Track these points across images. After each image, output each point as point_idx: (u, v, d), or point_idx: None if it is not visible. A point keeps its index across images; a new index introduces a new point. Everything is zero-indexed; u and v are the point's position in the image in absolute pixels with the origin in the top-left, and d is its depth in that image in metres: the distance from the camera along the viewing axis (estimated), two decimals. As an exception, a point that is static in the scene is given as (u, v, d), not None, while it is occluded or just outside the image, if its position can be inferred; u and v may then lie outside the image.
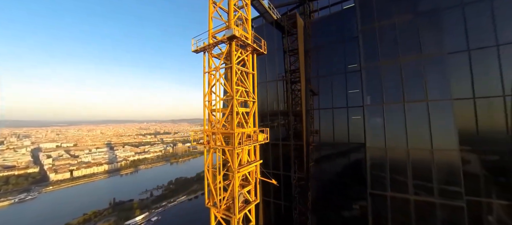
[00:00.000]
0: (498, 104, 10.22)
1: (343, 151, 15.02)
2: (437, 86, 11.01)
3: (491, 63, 10.43)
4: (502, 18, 10.37)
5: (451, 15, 11.31)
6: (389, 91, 12.16)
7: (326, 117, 15.96)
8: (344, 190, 14.66)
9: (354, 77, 15.15)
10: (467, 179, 10.09)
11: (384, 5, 12.85)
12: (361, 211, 13.51)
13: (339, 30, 16.16)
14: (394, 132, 11.72)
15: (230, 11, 10.71)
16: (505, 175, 9.93)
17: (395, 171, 11.48)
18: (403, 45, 11.97)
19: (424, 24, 11.65)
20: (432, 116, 10.89)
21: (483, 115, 10.48)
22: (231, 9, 10.69)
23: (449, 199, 10.14)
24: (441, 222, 10.20)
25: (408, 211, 10.96)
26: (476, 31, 10.75)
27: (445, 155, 10.44)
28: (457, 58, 10.99)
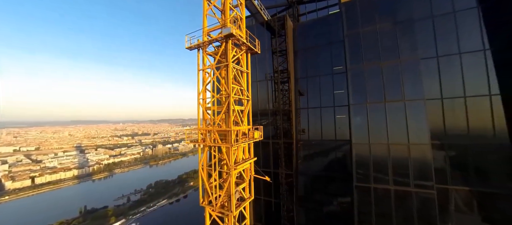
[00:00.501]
0: (460, 104, 11.84)
1: (330, 148, 15.94)
2: (412, 87, 12.34)
3: (455, 68, 12.04)
4: (463, 30, 12.04)
5: (423, 25, 12.80)
6: (371, 91, 13.28)
7: (315, 116, 16.77)
8: (331, 184, 15.57)
9: (340, 78, 16.18)
10: (436, 169, 11.49)
11: (367, 13, 14.01)
12: (347, 203, 14.48)
13: (326, 34, 17.11)
14: (377, 129, 12.84)
15: (226, 10, 10.80)
16: (466, 166, 11.54)
17: (378, 165, 12.59)
18: (384, 50, 13.19)
19: (401, 32, 12.98)
20: (408, 114, 12.19)
21: (448, 113, 12.05)
22: (227, 7, 10.79)
23: (423, 188, 11.45)
24: (416, 209, 11.45)
25: (388, 200, 12.10)
26: (443, 40, 12.33)
27: (419, 148, 11.75)
28: (428, 63, 12.47)
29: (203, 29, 11.33)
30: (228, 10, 10.74)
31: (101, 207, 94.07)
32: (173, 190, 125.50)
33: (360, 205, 12.81)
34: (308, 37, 18.05)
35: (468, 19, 12.04)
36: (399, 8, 13.25)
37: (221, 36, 10.13)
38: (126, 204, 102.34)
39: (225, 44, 10.50)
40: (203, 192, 11.15)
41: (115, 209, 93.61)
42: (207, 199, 10.99)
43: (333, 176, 15.66)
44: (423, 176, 11.54)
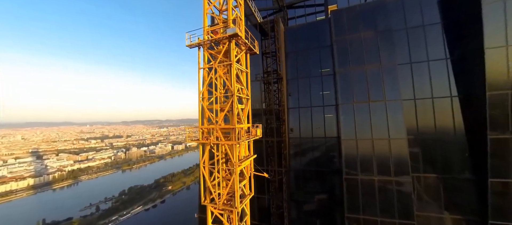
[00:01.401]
0: (429, 104, 13.90)
1: (320, 144, 17.10)
2: (391, 89, 14.07)
3: (425, 73, 14.09)
4: (430, 41, 14.17)
5: (399, 35, 14.69)
6: (357, 92, 14.74)
7: (305, 114, 17.80)
8: (321, 178, 16.72)
9: (328, 80, 17.48)
10: (411, 160, 13.30)
11: (353, 21, 15.52)
12: (337, 195, 15.73)
13: (315, 38, 18.31)
14: (362, 126, 14.30)
15: (229, 10, 11.05)
16: (434, 156, 13.58)
17: (364, 158, 14.03)
18: (368, 55, 14.76)
19: (381, 40, 14.69)
20: (388, 113, 13.86)
21: (420, 112, 14.03)
22: (230, 7, 11.04)
23: (401, 176, 13.14)
24: (396, 194, 13.08)
25: (373, 189, 13.58)
26: (416, 49, 14.33)
27: (397, 142, 13.46)
28: (404, 69, 14.36)
29: (203, 28, 11.39)
30: (230, 10, 11.01)
31: (64, 219, 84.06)
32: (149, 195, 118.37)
33: (349, 195, 14.11)
34: (298, 41, 19.08)
35: (434, 32, 14.21)
36: (380, 19, 14.98)
37: (225, 36, 10.36)
38: (95, 214, 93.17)
39: (229, 44, 10.74)
40: (204, 191, 11.16)
41: (81, 220, 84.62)
42: (209, 197, 11.04)
43: (323, 170, 16.84)
44: (401, 166, 13.25)
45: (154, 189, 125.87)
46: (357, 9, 15.63)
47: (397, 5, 14.97)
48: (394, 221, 13.04)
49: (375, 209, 13.50)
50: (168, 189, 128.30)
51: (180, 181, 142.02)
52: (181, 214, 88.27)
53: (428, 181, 13.51)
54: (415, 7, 14.68)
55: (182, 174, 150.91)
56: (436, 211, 13.14)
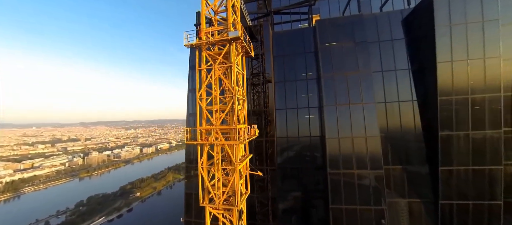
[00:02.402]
0: (396, 107, 16.38)
1: (306, 143, 18.41)
2: (367, 93, 16.12)
3: (393, 80, 16.56)
4: (397, 53, 16.71)
5: (373, 47, 16.94)
6: (339, 95, 16.45)
7: (292, 116, 18.93)
8: (307, 174, 18.02)
9: (312, 83, 18.94)
10: (383, 155, 15.49)
11: (335, 31, 17.27)
12: (322, 190, 17.20)
13: (300, 44, 19.62)
14: (344, 125, 16.02)
15: (228, 12, 11.28)
16: (400, 151, 16.06)
17: (345, 154, 15.74)
18: (348, 62, 16.62)
19: (359, 50, 16.70)
20: (365, 114, 15.86)
21: (389, 113, 16.43)
22: (229, 10, 11.29)
23: (375, 169, 15.20)
24: (371, 186, 15.06)
25: (353, 182, 15.36)
26: (386, 59, 16.72)
27: (372, 140, 15.51)
28: (377, 76, 16.61)
29: (202, 30, 11.39)
30: (229, 13, 11.26)
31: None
32: (114, 204, 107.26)
33: (333, 188, 15.65)
34: (284, 45, 20.15)
35: (399, 46, 16.83)
36: (357, 32, 17.01)
37: (228, 38, 10.58)
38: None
39: (229, 46, 10.98)
40: (203, 192, 11.12)
41: (25, 241, 71.95)
42: (207, 197, 11.06)
43: (307, 167, 18.17)
44: (375, 161, 15.32)
45: (119, 197, 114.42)
46: (339, 21, 17.45)
47: (371, 20, 17.24)
48: (370, 207, 15.01)
49: (354, 199, 15.30)
50: (136, 196, 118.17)
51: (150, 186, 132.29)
52: (152, 220, 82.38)
53: (395, 173, 15.92)
54: (385, 24, 17.14)
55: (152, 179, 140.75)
56: (401, 197, 15.59)
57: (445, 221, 14.67)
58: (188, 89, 21.23)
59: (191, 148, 20.55)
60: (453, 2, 14.25)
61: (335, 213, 15.42)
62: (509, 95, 14.27)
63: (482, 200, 14.21)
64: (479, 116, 14.17)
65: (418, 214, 15.32)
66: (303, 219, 17.42)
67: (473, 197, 14.34)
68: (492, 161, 14.08)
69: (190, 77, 21.29)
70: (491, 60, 14.02)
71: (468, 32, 14.20)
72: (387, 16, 17.21)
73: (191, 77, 21.26)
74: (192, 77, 21.27)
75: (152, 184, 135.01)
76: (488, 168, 14.16)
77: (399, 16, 17.11)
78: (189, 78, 21.39)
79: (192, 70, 21.34)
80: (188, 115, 20.96)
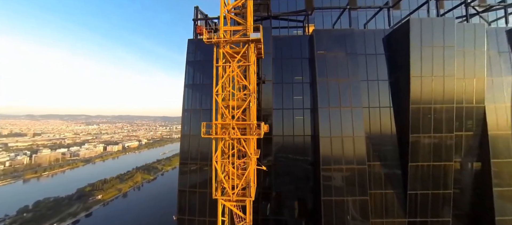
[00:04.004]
0: (377, 112, 19.08)
1: (300, 141, 19.91)
2: (355, 99, 18.41)
3: (375, 89, 19.23)
4: (379, 66, 19.48)
5: (361, 58, 19.40)
6: (332, 99, 18.40)
7: (288, 115, 20.26)
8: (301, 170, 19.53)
9: (306, 86, 20.60)
10: (367, 152, 17.91)
11: (330, 42, 19.25)
12: (313, 183, 18.86)
13: (297, 49, 21.13)
14: (335, 125, 17.98)
15: (248, 14, 11.90)
16: (379, 150, 18.74)
17: (336, 151, 17.68)
18: (340, 70, 18.71)
19: (350, 60, 18.97)
20: (353, 117, 18.10)
21: (371, 116, 19.02)
22: (249, 11, 11.91)
23: (360, 164, 17.48)
24: (357, 179, 17.28)
25: (342, 177, 17.37)
26: (371, 70, 19.34)
27: (359, 139, 17.80)
28: (363, 84, 19.07)
29: (220, 29, 11.76)
30: (250, 16, 11.90)
31: None
32: (69, 209, 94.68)
33: (324, 182, 17.40)
34: (283, 49, 21.42)
35: (381, 60, 19.66)
36: (348, 44, 19.29)
37: (249, 39, 11.20)
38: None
39: (248, 47, 11.60)
40: (216, 185, 11.44)
41: None
42: (221, 190, 11.42)
43: (301, 163, 19.69)
44: (361, 157, 17.63)
45: (76, 201, 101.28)
46: (334, 32, 19.52)
47: (360, 35, 19.74)
48: (355, 198, 17.20)
49: (343, 191, 17.32)
50: (96, 198, 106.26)
51: (115, 188, 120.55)
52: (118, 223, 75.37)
53: (375, 168, 18.52)
54: (371, 39, 19.82)
55: (118, 180, 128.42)
56: (380, 189, 18.24)
57: (411, 208, 17.74)
58: (185, 85, 20.83)
59: (185, 145, 20.19)
60: (424, 29, 17.46)
61: (326, 204, 17.19)
62: (459, 106, 18.05)
63: (438, 189, 17.65)
64: (438, 122, 17.61)
65: (392, 203, 18.14)
66: (297, 210, 18.84)
67: (432, 187, 17.70)
68: (446, 158, 17.63)
69: (187, 72, 20.92)
70: (448, 77, 17.59)
71: (433, 54, 17.55)
72: (373, 33, 19.93)
73: (188, 72, 20.93)
74: (188, 72, 20.95)
75: (117, 185, 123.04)
76: (443, 163, 17.67)
77: (382, 34, 19.98)
78: (185, 73, 20.99)
79: (189, 65, 21.03)
80: (183, 111, 20.55)
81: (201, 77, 20.91)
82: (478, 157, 18.69)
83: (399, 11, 23.49)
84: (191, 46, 21.30)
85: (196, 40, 22.10)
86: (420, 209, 17.77)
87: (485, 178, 18.31)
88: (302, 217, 18.94)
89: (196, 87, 20.77)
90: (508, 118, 18.51)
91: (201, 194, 19.15)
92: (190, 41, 21.42)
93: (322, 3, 24.11)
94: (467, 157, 18.75)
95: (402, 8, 23.34)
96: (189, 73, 20.99)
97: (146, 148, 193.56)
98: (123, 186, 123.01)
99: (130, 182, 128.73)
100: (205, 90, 20.51)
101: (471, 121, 18.58)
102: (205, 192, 19.04)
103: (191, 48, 21.26)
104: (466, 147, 18.66)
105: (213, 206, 18.70)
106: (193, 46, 21.32)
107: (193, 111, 20.41)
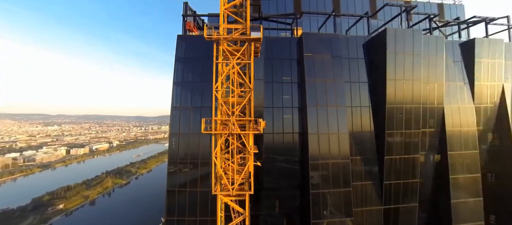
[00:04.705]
0: (358, 110, 20.95)
1: (289, 138, 20.78)
2: (340, 98, 19.98)
3: (356, 90, 21.10)
4: (360, 69, 21.42)
5: (345, 61, 21.10)
6: (319, 98, 19.67)
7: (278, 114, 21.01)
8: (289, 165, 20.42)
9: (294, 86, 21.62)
10: (350, 147, 19.56)
11: (317, 45, 20.56)
12: (302, 179, 19.88)
13: (287, 51, 22.05)
14: (322, 123, 19.27)
15: (247, 13, 12.22)
16: (361, 145, 20.59)
17: (323, 147, 18.95)
18: (327, 71, 20.10)
19: (335, 63, 20.50)
20: (338, 115, 19.61)
21: (354, 115, 20.82)
22: (248, 14, 12.24)
23: (344, 159, 19.03)
24: (341, 172, 18.77)
25: (328, 169, 18.69)
26: (353, 72, 21.16)
27: (343, 136, 19.36)
28: (347, 84, 20.77)
29: (220, 26, 11.89)
30: (248, 13, 12.24)
31: None
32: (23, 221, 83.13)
33: (313, 176, 18.52)
34: (273, 50, 22.12)
35: (361, 63, 21.65)
36: (334, 47, 20.83)
37: (250, 38, 11.53)
38: None
39: (248, 45, 11.93)
40: (215, 181, 11.49)
41: None
42: (220, 186, 11.52)
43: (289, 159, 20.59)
44: (344, 152, 19.19)
45: (31, 212, 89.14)
46: (322, 36, 20.89)
47: (344, 40, 21.48)
48: (340, 190, 18.68)
49: (329, 183, 18.65)
50: (57, 208, 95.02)
51: (80, 195, 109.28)
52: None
53: (356, 162, 20.31)
54: (353, 44, 21.70)
55: (84, 186, 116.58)
56: (361, 180, 20.06)
57: (387, 197, 19.91)
58: (174, 82, 20.20)
59: (175, 143, 19.57)
60: (398, 38, 19.79)
61: (314, 197, 18.31)
62: (424, 107, 20.82)
63: (408, 179, 20.12)
64: (408, 120, 20.10)
65: (371, 193, 20.10)
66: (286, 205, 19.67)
67: (403, 178, 20.10)
68: (414, 151, 20.20)
69: (176, 69, 20.32)
70: (416, 81, 20.20)
71: (405, 60, 19.99)
72: (355, 39, 21.85)
73: (177, 69, 20.36)
74: (178, 69, 20.40)
75: (83, 192, 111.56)
76: (412, 156, 20.22)
77: (362, 40, 22.02)
78: (175, 70, 20.37)
79: (179, 62, 20.49)
80: (172, 109, 19.91)
81: (191, 74, 20.50)
82: (438, 150, 21.78)
83: (376, 20, 26.08)
84: (181, 42, 20.74)
85: (186, 36, 21.60)
86: (393, 197, 20.04)
87: (443, 168, 21.43)
88: (292, 210, 19.85)
89: (186, 84, 20.29)
90: (460, 117, 21.95)
91: (191, 194, 18.76)
92: (179, 37, 20.85)
93: (310, 8, 25.51)
94: (430, 151, 21.72)
95: (379, 18, 25.97)
96: (179, 70, 20.42)
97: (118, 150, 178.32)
98: (90, 192, 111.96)
99: (98, 188, 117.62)
100: (196, 88, 20.18)
101: (433, 119, 21.57)
102: (195, 191, 18.73)
103: (181, 45, 20.71)
104: (429, 142, 21.59)
105: (204, 205, 18.55)
106: (183, 43, 20.80)
107: (183, 109, 19.90)
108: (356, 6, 26.54)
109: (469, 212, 20.91)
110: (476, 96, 22.25)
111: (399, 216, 20.13)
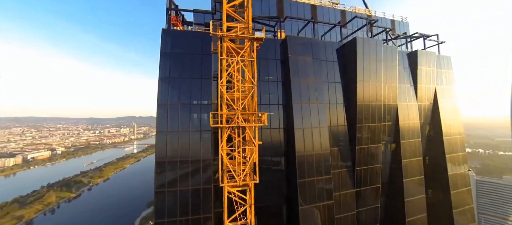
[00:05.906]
0: (334, 107, 23.87)
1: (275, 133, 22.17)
2: (320, 96, 22.42)
3: (333, 89, 24.01)
4: (336, 71, 24.43)
5: (324, 63, 23.74)
6: (303, 96, 21.69)
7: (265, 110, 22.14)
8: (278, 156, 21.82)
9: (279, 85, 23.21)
10: (329, 139, 22.17)
11: (300, 47, 22.58)
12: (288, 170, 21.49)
13: (272, 51, 23.45)
14: (306, 118, 21.31)
15: (249, 12, 12.93)
16: (336, 137, 23.50)
17: (307, 140, 20.97)
18: (310, 72, 22.29)
19: (315, 64, 22.89)
20: (319, 111, 21.99)
21: (331, 111, 23.62)
22: (250, 15, 12.97)
23: (324, 150, 21.48)
24: (323, 162, 21.14)
25: (312, 160, 20.80)
26: (330, 73, 23.98)
27: (323, 130, 21.80)
28: (325, 84, 23.41)
29: (223, 25, 12.30)
30: (250, 13, 12.98)
31: None
32: None
33: (299, 167, 20.32)
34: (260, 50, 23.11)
35: (336, 66, 24.73)
36: (314, 50, 23.22)
37: (253, 37, 12.28)
38: None
39: (251, 44, 12.66)
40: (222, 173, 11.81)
41: None
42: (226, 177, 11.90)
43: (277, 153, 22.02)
44: (325, 144, 21.65)
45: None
46: (303, 40, 23.01)
47: (322, 45, 24.14)
48: (322, 177, 21.01)
49: (313, 172, 20.76)
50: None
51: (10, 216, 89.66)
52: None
53: (334, 152, 23.11)
54: (329, 49, 24.59)
55: (17, 205, 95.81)
56: (339, 168, 22.92)
57: (358, 181, 23.28)
58: (160, 78, 19.21)
59: (162, 142, 18.63)
60: (365, 45, 23.44)
61: (301, 185, 20.13)
62: (384, 104, 25.12)
63: (373, 165, 23.98)
64: (373, 115, 23.97)
65: (346, 178, 23.16)
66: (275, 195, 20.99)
67: (370, 164, 23.85)
68: (377, 141, 24.19)
69: (162, 64, 19.39)
70: (378, 82, 24.26)
71: (371, 64, 23.79)
72: (331, 44, 24.79)
73: (164, 65, 19.47)
74: (164, 64, 19.51)
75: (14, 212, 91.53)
76: (375, 145, 24.16)
77: (336, 46, 25.15)
78: (160, 66, 19.40)
79: (164, 58, 19.61)
80: (158, 106, 18.91)
81: (178, 70, 19.84)
82: (393, 140, 26.55)
83: (346, 29, 29.96)
84: (166, 37, 19.84)
85: (172, 31, 20.79)
86: (363, 181, 23.57)
87: (397, 154, 26.25)
88: (280, 199, 21.29)
89: (173, 80, 19.52)
90: (408, 112, 27.26)
91: (181, 193, 18.20)
92: (165, 31, 19.91)
93: (291, 13, 27.57)
94: (388, 140, 26.31)
95: (348, 28, 29.91)
96: (165, 66, 19.50)
97: (64, 158, 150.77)
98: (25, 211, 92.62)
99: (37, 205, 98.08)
100: (184, 84, 19.63)
101: (390, 115, 26.17)
102: (186, 190, 18.24)
103: (166, 39, 19.83)
104: (387, 133, 26.12)
105: (196, 203, 18.26)
106: (168, 37, 19.94)
107: (171, 106, 19.11)
108: (330, 16, 29.96)
109: (415, 187, 26.21)
110: (418, 96, 28.01)
111: (367, 196, 23.81)
